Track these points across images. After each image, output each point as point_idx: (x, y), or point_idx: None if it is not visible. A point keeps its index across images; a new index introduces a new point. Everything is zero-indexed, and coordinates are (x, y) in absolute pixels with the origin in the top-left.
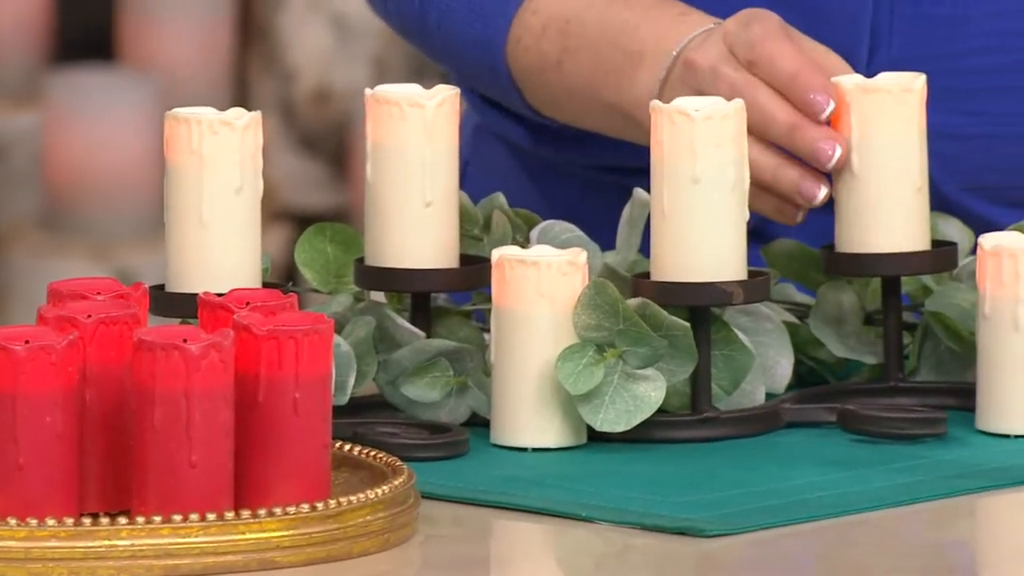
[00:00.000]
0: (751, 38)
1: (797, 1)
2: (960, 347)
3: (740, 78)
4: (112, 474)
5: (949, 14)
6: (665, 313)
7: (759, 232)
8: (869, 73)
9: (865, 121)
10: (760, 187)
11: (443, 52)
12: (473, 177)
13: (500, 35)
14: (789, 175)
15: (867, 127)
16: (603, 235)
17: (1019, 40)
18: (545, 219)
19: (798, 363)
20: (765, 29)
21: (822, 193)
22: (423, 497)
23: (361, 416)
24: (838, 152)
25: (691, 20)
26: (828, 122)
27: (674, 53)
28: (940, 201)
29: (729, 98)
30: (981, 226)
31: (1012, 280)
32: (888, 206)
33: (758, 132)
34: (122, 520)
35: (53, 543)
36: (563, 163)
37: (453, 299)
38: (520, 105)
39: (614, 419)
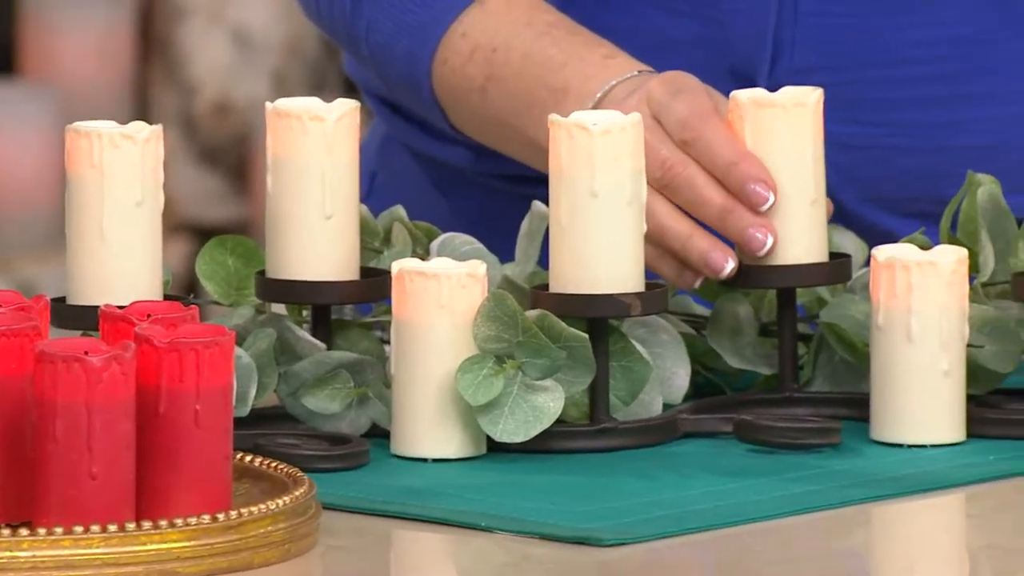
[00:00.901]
0: (682, 117)
1: (700, 10)
2: (854, 358)
3: (673, 157)
4: (13, 485)
5: (851, 25)
6: (564, 325)
7: None
8: (771, 82)
9: (759, 135)
10: (667, 252)
11: (370, 61)
12: (382, 188)
13: (427, 53)
14: (699, 246)
15: (761, 141)
16: (511, 244)
17: (919, 52)
18: (453, 229)
19: (695, 374)
20: (694, 106)
21: (729, 267)
22: (324, 508)
23: (262, 427)
24: (770, 241)
25: (617, 64)
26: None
27: (598, 95)
28: (839, 211)
29: (659, 174)
30: (880, 237)
31: (905, 292)
32: (783, 219)
33: (688, 209)
34: (23, 531)
35: None
36: (473, 172)
37: (361, 310)
38: (441, 122)
39: (513, 429)
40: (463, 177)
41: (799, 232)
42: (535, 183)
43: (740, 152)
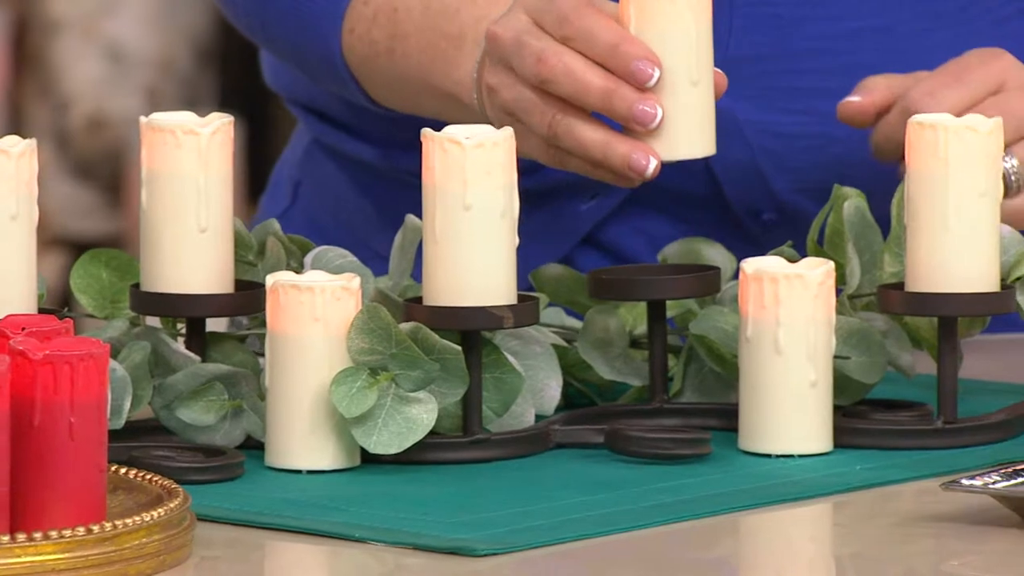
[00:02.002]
0: (561, 13)
1: None
2: (723, 369)
3: (546, 45)
4: None
5: (785, 14)
6: (437, 337)
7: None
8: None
9: (644, 17)
10: (592, 165)
11: (289, 53)
12: (305, 196)
13: (335, 28)
14: (618, 151)
15: (645, 22)
16: None
17: (849, 43)
18: (379, 230)
19: (566, 385)
20: (570, 2)
21: (652, 165)
22: (199, 519)
23: (137, 440)
24: (659, 114)
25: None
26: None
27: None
28: (772, 200)
29: (536, 69)
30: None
31: (773, 304)
32: (667, 99)
33: (573, 99)
34: None
35: None
36: (389, 170)
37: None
38: (359, 95)
39: (387, 441)
40: (384, 176)
41: (682, 111)
42: None
43: (621, 35)
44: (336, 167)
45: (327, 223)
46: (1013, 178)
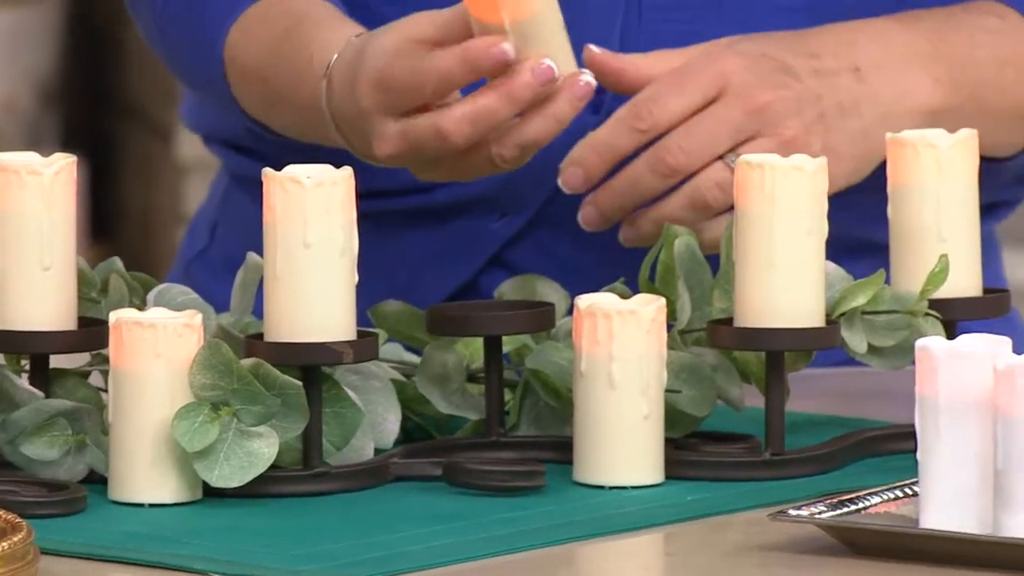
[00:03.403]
0: (397, 82)
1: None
2: (558, 403)
3: (430, 121)
4: None
5: (691, 32)
6: (278, 372)
7: None
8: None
9: None
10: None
11: (178, 64)
12: (222, 236)
13: (219, 42)
14: (519, 83)
15: None
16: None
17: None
18: None
19: (405, 419)
20: (398, 69)
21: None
22: (43, 553)
23: None
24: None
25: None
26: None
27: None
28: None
29: (448, 146)
30: None
31: (606, 339)
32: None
33: (491, 129)
34: None
35: None
36: None
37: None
38: (242, 117)
39: (229, 475)
40: None
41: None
42: (380, 217)
43: (454, 55)
44: (253, 202)
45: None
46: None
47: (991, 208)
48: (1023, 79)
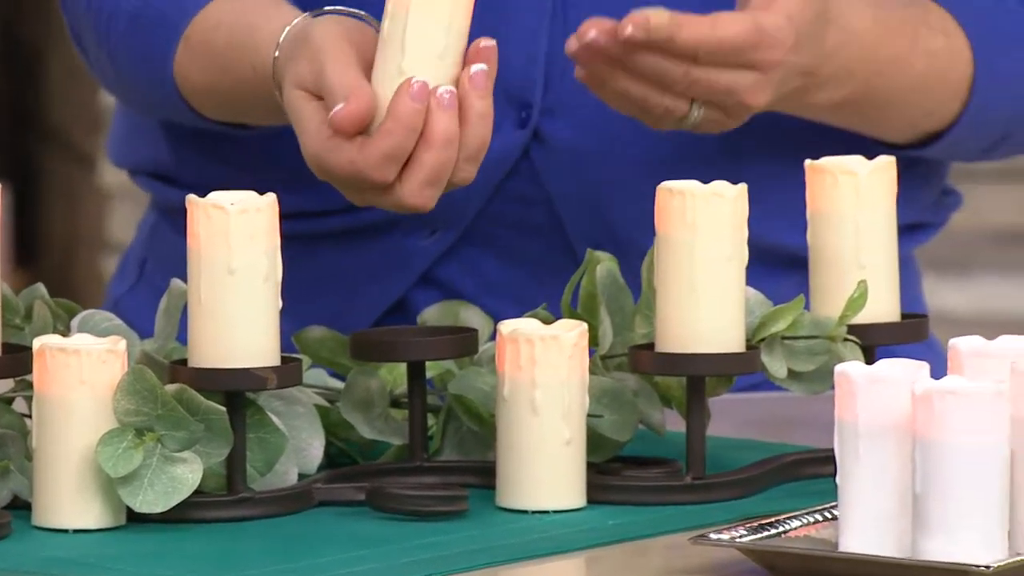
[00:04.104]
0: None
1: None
2: (481, 428)
3: (366, 154)
4: None
5: None
6: (202, 398)
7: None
8: (543, 110)
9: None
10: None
11: (121, 74)
12: (151, 271)
13: (170, 50)
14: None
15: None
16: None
17: None
18: None
19: (329, 445)
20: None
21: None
22: None
23: None
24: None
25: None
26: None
27: (280, 39)
28: (613, 236)
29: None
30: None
31: (529, 364)
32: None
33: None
34: None
35: None
36: None
37: None
38: (189, 116)
39: (153, 500)
40: None
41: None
42: (307, 239)
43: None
44: (179, 240)
45: None
46: (696, 114)
47: (912, 229)
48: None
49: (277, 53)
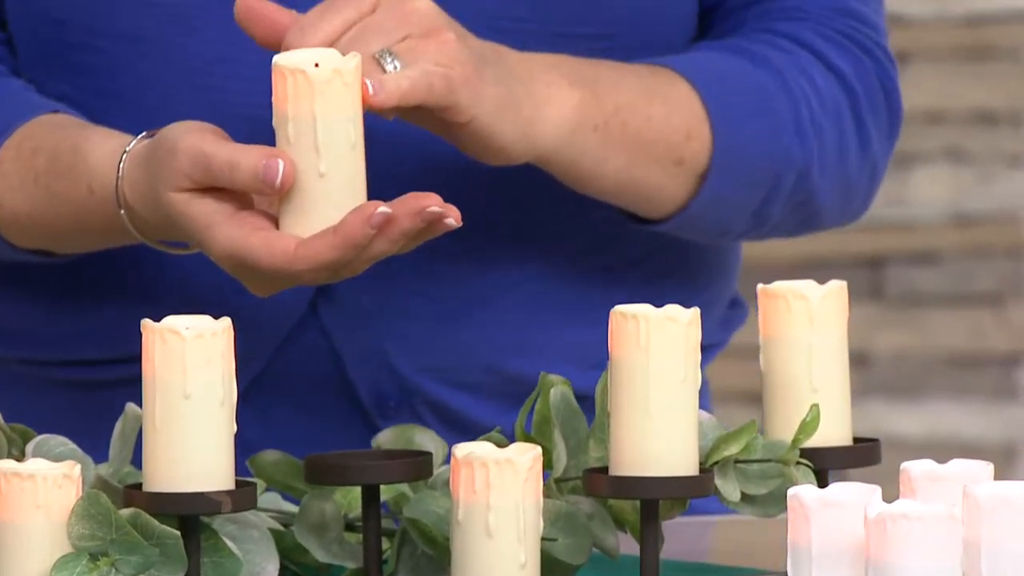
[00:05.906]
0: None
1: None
2: (436, 551)
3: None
4: None
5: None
6: (156, 522)
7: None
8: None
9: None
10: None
11: None
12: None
13: None
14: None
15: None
16: (99, 443)
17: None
18: (39, 433)
19: (284, 568)
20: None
21: (282, 168)
22: None
23: None
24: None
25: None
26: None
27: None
28: (399, 385)
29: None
30: (449, 416)
31: (484, 488)
32: (297, 192)
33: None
34: None
35: None
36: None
37: None
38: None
39: None
40: (45, 379)
41: (311, 204)
42: (111, 386)
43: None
44: (7, 368)
45: None
46: (393, 66)
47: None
48: (671, 113)
49: (121, 173)
